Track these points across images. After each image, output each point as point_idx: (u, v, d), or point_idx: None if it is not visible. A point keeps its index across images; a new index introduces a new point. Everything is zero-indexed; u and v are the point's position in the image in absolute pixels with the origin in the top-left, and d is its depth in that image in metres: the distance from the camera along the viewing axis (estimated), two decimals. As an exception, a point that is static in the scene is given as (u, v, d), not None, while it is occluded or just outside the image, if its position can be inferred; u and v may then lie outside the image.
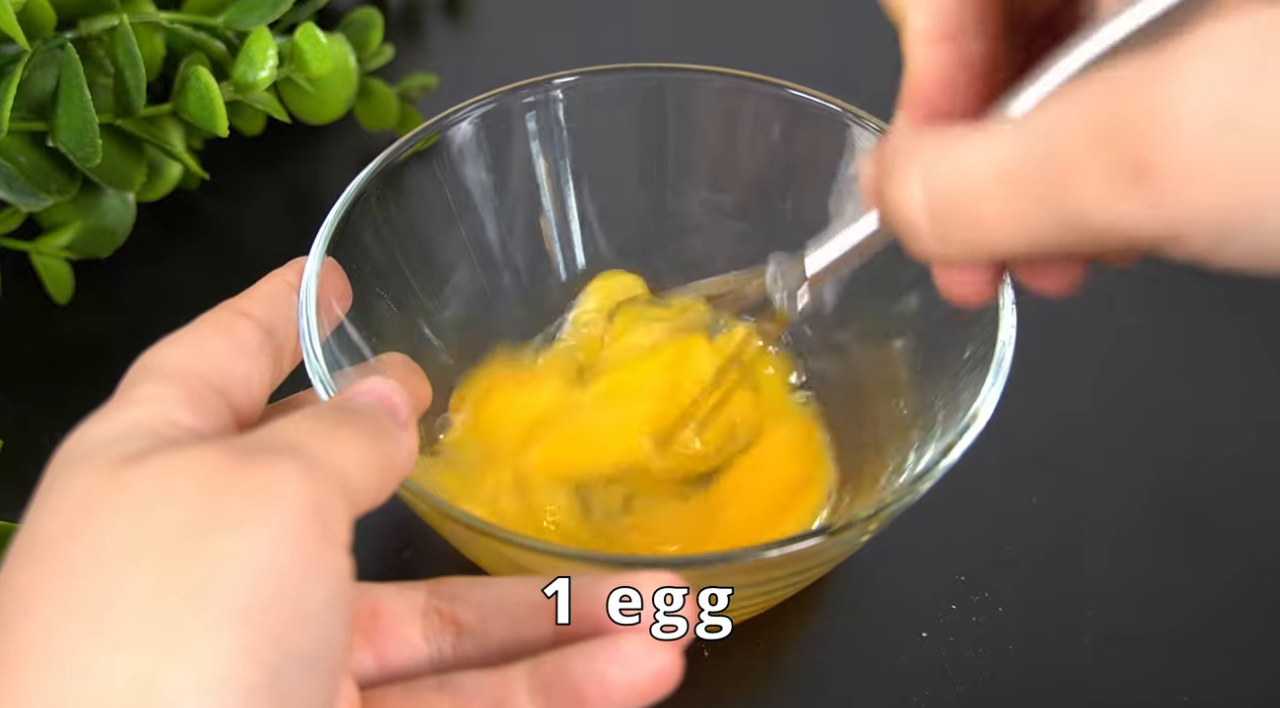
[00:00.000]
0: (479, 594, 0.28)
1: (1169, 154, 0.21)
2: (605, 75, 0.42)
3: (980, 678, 0.39)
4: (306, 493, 0.24)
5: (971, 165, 0.24)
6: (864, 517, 0.31)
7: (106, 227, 0.49)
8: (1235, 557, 0.43)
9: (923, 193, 0.24)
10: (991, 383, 0.34)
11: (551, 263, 0.44)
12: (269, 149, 0.55)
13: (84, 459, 0.25)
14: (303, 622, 0.23)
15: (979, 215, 0.23)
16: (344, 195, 0.38)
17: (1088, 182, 0.22)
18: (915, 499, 0.32)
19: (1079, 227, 0.22)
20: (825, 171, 0.42)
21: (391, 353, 0.35)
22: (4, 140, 0.44)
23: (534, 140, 0.42)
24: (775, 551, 0.30)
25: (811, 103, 0.41)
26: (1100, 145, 0.21)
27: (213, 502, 0.23)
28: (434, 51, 0.61)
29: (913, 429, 0.38)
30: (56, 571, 0.23)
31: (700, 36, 0.63)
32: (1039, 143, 0.22)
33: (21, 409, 0.45)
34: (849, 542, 0.33)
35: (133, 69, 0.45)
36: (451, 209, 0.42)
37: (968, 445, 0.33)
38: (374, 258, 0.38)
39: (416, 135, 0.40)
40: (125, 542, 0.23)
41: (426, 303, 0.41)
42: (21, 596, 0.23)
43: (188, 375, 0.28)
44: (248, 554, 0.23)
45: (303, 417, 0.26)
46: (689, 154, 0.44)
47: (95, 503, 0.24)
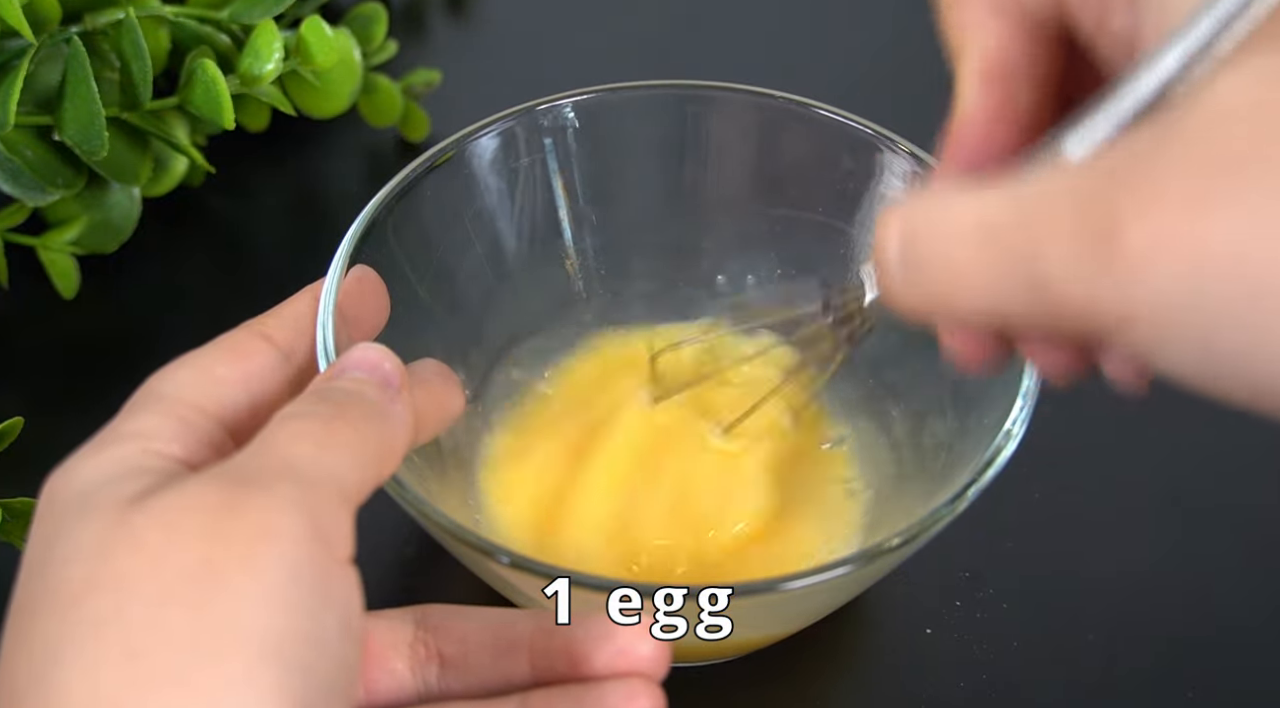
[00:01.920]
0: (462, 626, 0.29)
1: (1137, 231, 0.20)
2: (623, 93, 0.42)
3: (984, 675, 0.39)
4: (305, 522, 0.24)
5: (951, 212, 0.23)
6: (895, 545, 0.31)
7: (112, 222, 0.49)
8: (1239, 554, 0.42)
9: (898, 234, 0.24)
10: (1018, 415, 0.34)
11: (570, 282, 0.44)
12: (273, 146, 0.55)
13: (87, 503, 0.25)
14: (324, 651, 0.24)
15: (948, 261, 0.23)
16: (360, 217, 0.37)
17: (1057, 242, 0.21)
18: (947, 524, 0.32)
19: (1041, 291, 0.22)
20: (845, 189, 0.42)
21: (425, 359, 0.35)
22: (10, 135, 0.44)
23: (551, 158, 0.42)
24: (801, 581, 0.30)
25: (835, 121, 0.41)
26: (1077, 210, 0.21)
27: (221, 545, 0.23)
28: (437, 48, 0.61)
29: (939, 458, 0.38)
30: (85, 620, 0.23)
31: (700, 36, 0.63)
32: (1022, 201, 0.22)
33: (29, 404, 0.45)
34: (878, 571, 0.33)
35: (138, 62, 0.45)
36: (467, 228, 0.41)
37: (998, 471, 0.33)
38: (388, 278, 0.37)
39: (435, 154, 0.39)
40: (147, 589, 0.23)
41: (442, 322, 0.41)
42: (52, 646, 0.23)
43: (186, 406, 0.28)
44: (263, 593, 0.23)
45: (293, 418, 0.26)
46: (708, 172, 0.43)
47: (110, 552, 0.24)
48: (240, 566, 0.23)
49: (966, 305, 0.23)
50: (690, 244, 0.44)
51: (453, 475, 0.39)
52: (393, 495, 0.32)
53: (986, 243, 0.23)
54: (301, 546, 0.24)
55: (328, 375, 0.29)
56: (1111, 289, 0.21)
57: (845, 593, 0.35)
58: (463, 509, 0.39)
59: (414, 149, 0.55)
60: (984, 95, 0.27)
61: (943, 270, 0.23)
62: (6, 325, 0.49)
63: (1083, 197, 0.21)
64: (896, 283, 0.25)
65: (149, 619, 0.23)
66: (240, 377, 0.29)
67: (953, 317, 0.25)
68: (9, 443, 0.40)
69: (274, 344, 0.30)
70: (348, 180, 0.56)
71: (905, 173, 0.40)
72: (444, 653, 0.29)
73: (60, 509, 0.25)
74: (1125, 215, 0.20)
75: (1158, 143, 0.21)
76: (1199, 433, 0.46)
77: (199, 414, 0.28)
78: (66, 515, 0.25)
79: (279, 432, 0.26)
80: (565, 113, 0.42)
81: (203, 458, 0.27)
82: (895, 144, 0.40)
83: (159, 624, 0.23)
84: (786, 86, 0.42)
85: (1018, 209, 0.22)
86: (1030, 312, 0.22)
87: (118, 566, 0.24)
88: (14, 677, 0.24)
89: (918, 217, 0.24)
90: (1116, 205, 0.21)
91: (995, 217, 0.23)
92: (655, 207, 0.44)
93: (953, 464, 0.36)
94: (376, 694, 0.29)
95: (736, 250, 0.44)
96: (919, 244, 0.24)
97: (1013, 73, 0.27)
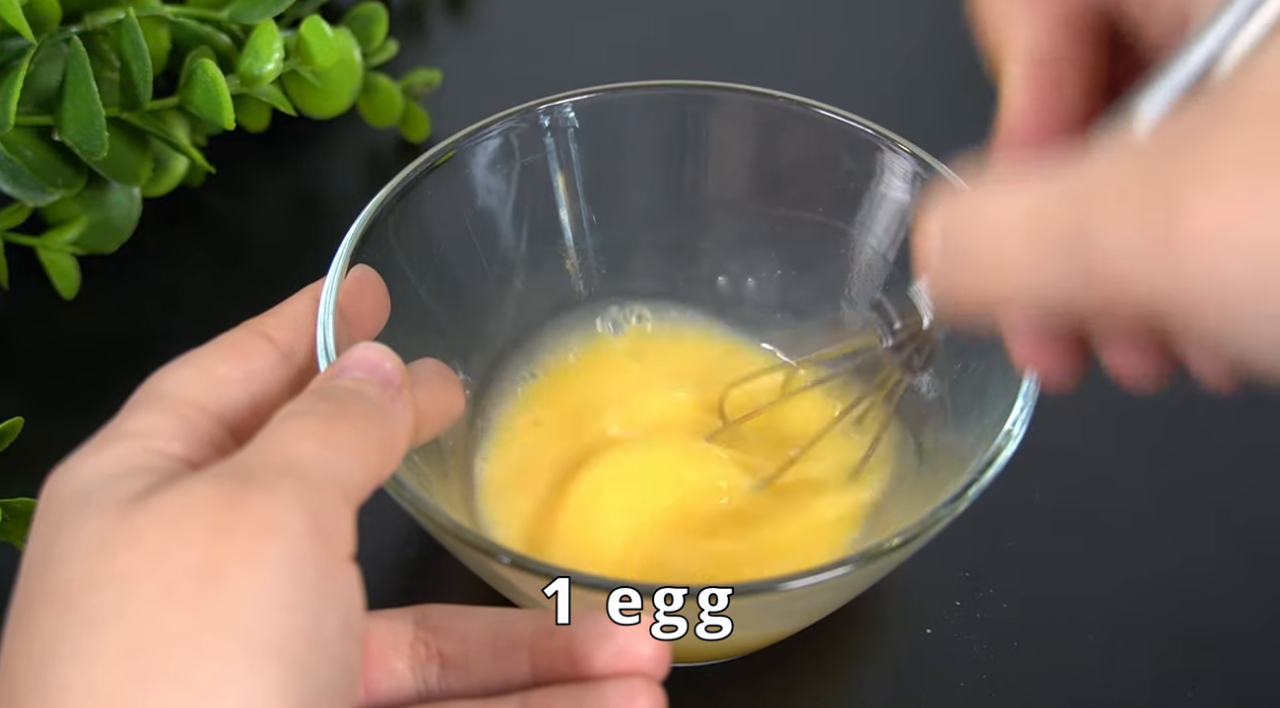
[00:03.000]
0: (462, 626, 0.29)
1: (1198, 212, 0.20)
2: (624, 92, 0.42)
3: (984, 675, 0.39)
4: (307, 519, 0.24)
5: (1000, 204, 0.23)
6: (895, 545, 0.31)
7: (112, 222, 0.49)
8: (1239, 553, 0.42)
9: (944, 228, 0.24)
10: (1017, 418, 0.34)
11: (571, 282, 0.44)
12: (273, 146, 0.55)
13: (87, 501, 0.25)
14: (325, 650, 0.24)
15: (998, 254, 0.23)
16: (360, 217, 0.37)
17: (1113, 226, 0.21)
18: (947, 524, 0.32)
19: (1094, 278, 0.21)
20: (846, 190, 0.42)
21: (425, 359, 0.35)
22: (10, 135, 0.44)
23: (551, 158, 0.42)
24: (801, 581, 0.30)
25: (835, 121, 0.41)
26: (1135, 192, 0.20)
27: (222, 542, 0.23)
28: (437, 48, 0.61)
29: (939, 458, 0.38)
30: (84, 618, 0.23)
31: (700, 36, 0.63)
32: (1073, 188, 0.22)
33: (29, 404, 0.45)
34: (878, 571, 0.33)
35: (138, 62, 0.45)
36: (468, 228, 0.41)
37: (998, 471, 0.33)
38: (388, 278, 0.37)
39: (435, 154, 0.39)
40: (147, 587, 0.23)
41: (442, 322, 0.41)
42: (50, 642, 0.23)
43: (187, 404, 0.28)
44: (265, 591, 0.23)
45: (295, 417, 0.26)
46: (708, 172, 0.43)
47: (110, 550, 0.24)
48: (242, 563, 0.23)
49: (1020, 296, 0.23)
50: (691, 244, 0.44)
51: (453, 475, 0.39)
52: (393, 495, 0.32)
53: (1038, 233, 0.22)
54: (303, 543, 0.24)
55: (328, 375, 0.29)
56: (1172, 273, 0.20)
57: (845, 593, 0.35)
58: (463, 509, 0.39)
59: (414, 149, 0.55)
60: (1031, 89, 0.26)
61: (992, 262, 0.23)
62: (6, 325, 0.49)
63: (1137, 179, 0.21)
64: (946, 278, 0.24)
65: (149, 617, 0.23)
66: (241, 376, 0.29)
67: (1006, 311, 0.24)
68: (9, 443, 0.40)
69: (274, 344, 0.30)
70: (348, 180, 0.56)
71: (906, 173, 0.40)
72: (444, 653, 0.29)
73: (61, 508, 0.25)
74: (1184, 196, 0.20)
75: (1214, 120, 0.20)
76: (1199, 433, 0.46)
77: (200, 413, 0.28)
78: (67, 514, 0.25)
79: (280, 430, 0.26)
80: (566, 113, 0.42)
81: (204, 457, 0.27)
82: (896, 144, 0.40)
83: (159, 622, 0.23)
84: (787, 86, 0.42)
85: (1069, 197, 0.22)
86: (1077, 298, 0.22)
87: (118, 563, 0.23)
88: (14, 675, 0.24)
89: (964, 211, 0.24)
90: (1174, 186, 0.20)
91: (1046, 207, 0.22)
92: (656, 207, 0.44)
93: (953, 464, 0.36)
94: (376, 694, 0.29)
95: (737, 251, 0.44)
96: (967, 237, 0.23)
97: (1058, 65, 0.26)
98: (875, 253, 0.42)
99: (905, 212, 0.41)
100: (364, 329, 0.35)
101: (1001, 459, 0.33)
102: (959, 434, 0.37)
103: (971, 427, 0.36)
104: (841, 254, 0.42)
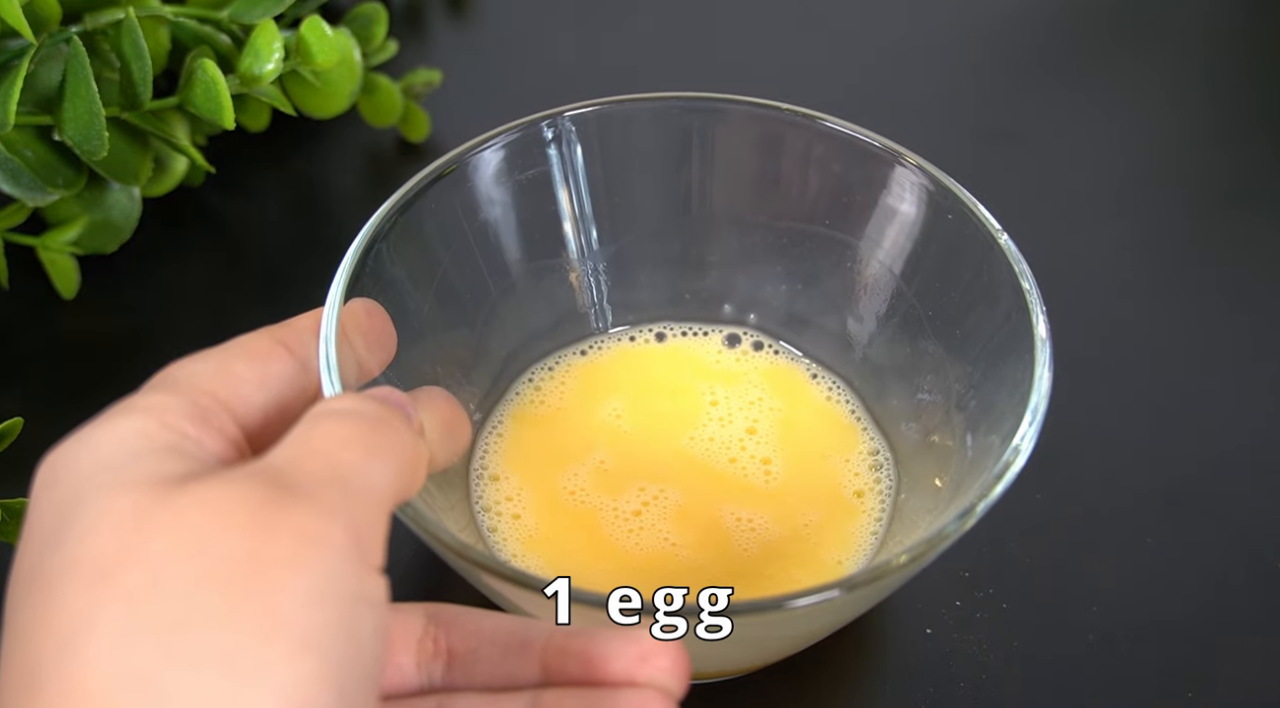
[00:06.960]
0: (474, 624, 0.29)
1: None
2: (628, 104, 0.41)
3: (984, 675, 0.39)
4: (349, 531, 0.24)
5: None
6: (902, 563, 0.31)
7: (112, 222, 0.49)
8: (1239, 553, 0.42)
9: None
10: (1026, 431, 0.34)
11: (576, 296, 0.44)
12: (273, 146, 0.55)
13: (113, 474, 0.24)
14: (360, 649, 0.24)
15: None
16: (362, 232, 0.36)
17: None
18: (954, 540, 0.32)
19: None
20: (852, 202, 0.41)
21: (430, 387, 0.34)
22: (10, 135, 0.44)
23: (555, 171, 0.42)
24: (806, 600, 0.30)
25: (841, 134, 0.41)
26: None
27: (266, 539, 0.23)
28: (437, 48, 0.61)
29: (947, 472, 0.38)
30: (115, 594, 0.23)
31: (701, 35, 0.63)
32: None
33: (29, 404, 0.45)
34: (885, 588, 0.33)
35: (139, 62, 0.45)
36: (470, 242, 0.41)
37: (1006, 487, 0.33)
38: (391, 293, 0.37)
39: (438, 167, 0.39)
40: (185, 569, 0.23)
41: (444, 336, 0.41)
42: (77, 616, 0.23)
43: (201, 392, 0.27)
44: (305, 589, 0.23)
45: (334, 416, 0.26)
46: (713, 184, 0.43)
47: (148, 528, 0.23)
48: (286, 565, 0.23)
49: None
50: (696, 257, 0.44)
51: (456, 491, 0.39)
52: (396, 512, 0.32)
53: None
54: (344, 555, 0.24)
55: (353, 398, 0.28)
56: None
57: (852, 610, 0.35)
58: (466, 525, 0.39)
59: (414, 149, 0.55)
60: None
61: None
62: (6, 325, 0.49)
63: None
64: None
65: (187, 598, 0.23)
66: (258, 377, 0.29)
67: None
68: (9, 443, 0.40)
69: (292, 353, 0.30)
70: (348, 180, 0.56)
71: (913, 185, 0.40)
72: (452, 649, 0.29)
73: (76, 479, 0.25)
74: None
75: None
76: (1199, 434, 0.46)
77: (214, 402, 0.27)
78: (88, 486, 0.24)
79: (318, 430, 0.26)
80: (569, 125, 0.41)
81: (216, 443, 0.27)
82: (902, 157, 0.40)
83: (198, 604, 0.22)
84: (793, 98, 0.42)
85: None
86: None
87: (156, 543, 0.23)
88: (30, 649, 0.23)
89: None
90: None
91: None
92: (661, 219, 0.44)
93: (960, 479, 0.36)
94: (383, 689, 0.28)
95: (742, 263, 0.44)
96: None
97: None
98: (882, 266, 0.42)
99: (912, 225, 0.40)
100: (369, 368, 0.34)
101: (1009, 475, 0.33)
102: (966, 449, 0.37)
103: (979, 443, 0.36)
104: (848, 267, 0.42)
